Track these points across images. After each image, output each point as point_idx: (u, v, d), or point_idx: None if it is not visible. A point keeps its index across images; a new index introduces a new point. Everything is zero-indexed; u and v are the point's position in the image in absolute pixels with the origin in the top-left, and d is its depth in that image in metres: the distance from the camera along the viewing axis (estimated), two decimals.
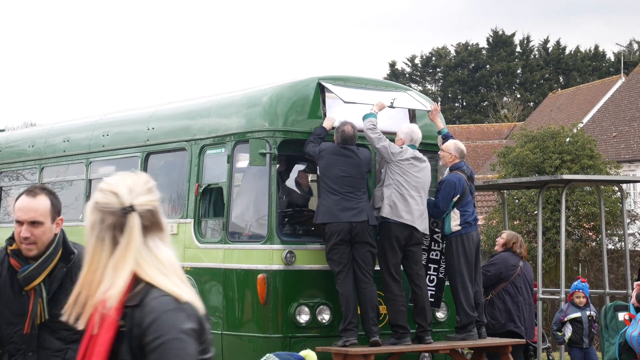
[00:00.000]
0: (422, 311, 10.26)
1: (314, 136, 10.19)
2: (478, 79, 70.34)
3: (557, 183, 13.87)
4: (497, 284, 11.91)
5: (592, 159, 23.97)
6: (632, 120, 37.40)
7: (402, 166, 10.19)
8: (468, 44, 72.12)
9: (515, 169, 23.84)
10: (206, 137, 10.96)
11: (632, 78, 41.68)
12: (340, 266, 9.89)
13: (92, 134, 13.05)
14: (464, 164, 10.81)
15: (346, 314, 9.85)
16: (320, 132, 10.24)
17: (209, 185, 10.80)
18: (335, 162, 9.98)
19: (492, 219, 24.55)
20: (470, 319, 10.52)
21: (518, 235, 12.46)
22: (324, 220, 9.95)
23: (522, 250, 12.18)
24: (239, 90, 11.31)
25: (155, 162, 12.01)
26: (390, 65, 73.45)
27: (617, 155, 34.68)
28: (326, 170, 10.01)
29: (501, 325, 11.77)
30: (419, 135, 10.49)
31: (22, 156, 14.52)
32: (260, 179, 10.33)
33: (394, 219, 10.10)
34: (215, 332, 10.36)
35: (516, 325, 11.86)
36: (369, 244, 10.01)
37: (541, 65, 69.75)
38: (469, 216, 10.64)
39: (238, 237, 10.47)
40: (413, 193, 10.20)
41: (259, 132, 10.27)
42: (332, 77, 10.76)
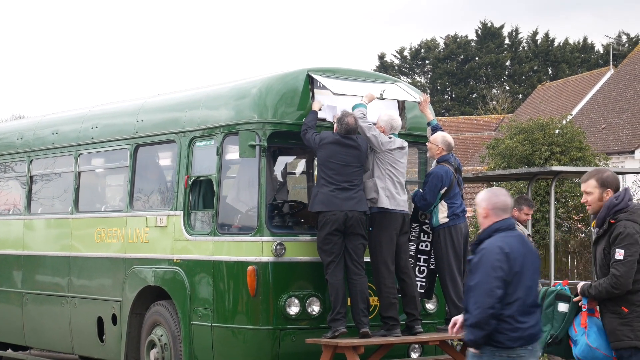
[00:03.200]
0: (412, 300, 10.28)
1: (310, 123, 10.19)
2: (467, 71, 70.40)
3: (547, 175, 13.91)
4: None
5: (582, 150, 24.02)
6: (621, 112, 37.47)
7: (392, 155, 10.24)
8: (457, 36, 72.16)
9: (505, 161, 23.87)
10: (195, 129, 10.94)
11: (621, 70, 41.74)
12: (331, 256, 9.90)
13: (81, 126, 13.01)
14: (451, 156, 10.83)
15: (335, 304, 9.86)
16: (313, 117, 10.25)
17: (198, 177, 10.78)
18: (336, 152, 9.99)
19: None
20: (459, 310, 10.50)
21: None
22: (320, 209, 9.95)
23: None
24: (228, 82, 11.29)
25: (144, 154, 11.99)
26: (380, 58, 73.50)
27: (606, 147, 34.73)
28: (326, 160, 10.02)
29: None
30: (399, 123, 10.52)
31: (11, 148, 14.48)
32: (250, 171, 10.33)
33: (393, 209, 10.13)
34: (205, 324, 10.37)
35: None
36: (362, 235, 10.04)
37: (530, 57, 69.83)
38: (457, 208, 10.66)
39: (228, 229, 10.47)
40: (402, 180, 10.33)
41: (249, 124, 10.26)
42: (322, 68, 10.75)
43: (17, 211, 14.36)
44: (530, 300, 6.90)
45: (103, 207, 12.99)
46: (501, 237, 6.93)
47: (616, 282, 7.55)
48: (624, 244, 7.57)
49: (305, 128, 10.18)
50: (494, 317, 6.77)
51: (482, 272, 6.85)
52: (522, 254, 6.91)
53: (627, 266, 7.55)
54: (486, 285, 6.80)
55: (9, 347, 14.72)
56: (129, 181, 11.88)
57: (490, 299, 6.76)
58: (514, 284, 6.84)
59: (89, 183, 13.26)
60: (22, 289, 13.64)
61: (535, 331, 6.93)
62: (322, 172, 10.07)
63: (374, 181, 10.23)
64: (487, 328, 6.79)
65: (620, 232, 7.60)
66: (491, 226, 7.01)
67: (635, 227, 7.61)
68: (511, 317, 6.82)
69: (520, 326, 6.83)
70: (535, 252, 7.14)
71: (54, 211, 13.53)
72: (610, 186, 7.80)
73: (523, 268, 6.88)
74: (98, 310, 12.08)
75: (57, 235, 13.14)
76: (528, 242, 7.10)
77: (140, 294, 11.35)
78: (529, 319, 6.88)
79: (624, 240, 7.58)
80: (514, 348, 6.84)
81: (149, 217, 11.41)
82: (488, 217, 7.04)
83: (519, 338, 6.81)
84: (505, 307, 6.82)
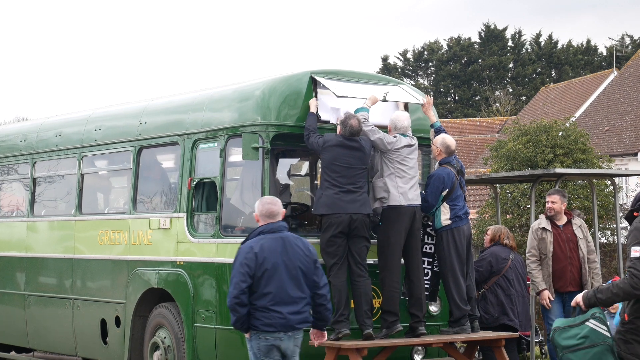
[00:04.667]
0: (418, 302, 10.27)
1: (311, 126, 10.20)
2: (470, 74, 70.37)
3: (550, 177, 13.87)
4: (489, 278, 11.93)
5: (585, 152, 23.98)
6: (624, 114, 37.45)
7: (400, 154, 10.25)
8: (460, 39, 72.14)
9: (508, 163, 23.84)
10: (199, 132, 10.94)
11: (625, 72, 41.72)
12: (335, 258, 9.90)
13: (84, 129, 13.02)
14: (454, 158, 10.84)
15: (338, 306, 9.86)
16: (313, 119, 10.26)
17: (201, 179, 10.78)
18: (340, 154, 9.98)
19: (485, 213, 24.55)
20: (462, 312, 10.53)
21: (503, 227, 12.49)
22: (325, 212, 9.95)
23: (510, 242, 12.24)
24: (231, 84, 11.30)
25: (147, 156, 11.99)
26: (383, 60, 73.48)
27: (610, 149, 34.72)
28: (330, 163, 10.02)
29: (494, 319, 11.80)
30: (404, 124, 10.48)
31: (14, 151, 14.49)
32: (253, 173, 10.33)
33: (403, 204, 10.15)
34: (209, 327, 10.37)
35: (509, 318, 11.88)
36: (366, 238, 10.04)
37: (533, 60, 69.79)
38: (459, 210, 10.66)
39: (231, 231, 10.47)
40: (414, 175, 10.35)
41: (252, 126, 10.26)
42: (325, 71, 10.74)
43: (20, 213, 14.37)
44: (284, 294, 8.10)
45: (106, 210, 13.00)
46: (258, 239, 8.15)
47: (637, 282, 6.86)
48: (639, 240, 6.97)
49: (308, 132, 10.17)
50: (242, 305, 8.06)
51: (234, 267, 8.15)
52: (278, 253, 8.09)
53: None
54: (235, 279, 8.10)
55: (12, 349, 14.73)
56: (132, 183, 11.89)
57: (236, 290, 8.07)
58: (265, 279, 8.07)
59: (92, 185, 13.26)
60: (26, 291, 13.64)
61: (292, 321, 8.14)
62: (326, 175, 10.07)
63: (384, 180, 10.23)
64: (236, 314, 8.11)
65: (636, 227, 7.03)
66: (257, 229, 8.27)
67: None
68: (264, 307, 8.08)
69: (273, 315, 8.08)
70: (302, 252, 8.20)
71: (57, 213, 13.53)
72: None
73: (276, 266, 8.08)
74: (101, 313, 12.08)
75: (60, 238, 13.14)
76: (291, 245, 8.17)
77: (143, 296, 11.35)
78: (284, 309, 8.10)
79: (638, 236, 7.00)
80: (271, 332, 8.10)
81: (152, 219, 11.42)
82: (258, 221, 8.27)
83: (272, 324, 8.07)
84: (258, 298, 8.09)
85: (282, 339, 8.18)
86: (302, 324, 8.27)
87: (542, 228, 11.82)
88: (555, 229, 11.85)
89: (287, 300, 8.15)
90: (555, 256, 11.70)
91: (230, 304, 8.15)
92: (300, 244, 8.36)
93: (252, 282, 8.09)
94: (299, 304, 8.20)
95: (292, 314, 8.15)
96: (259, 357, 8.25)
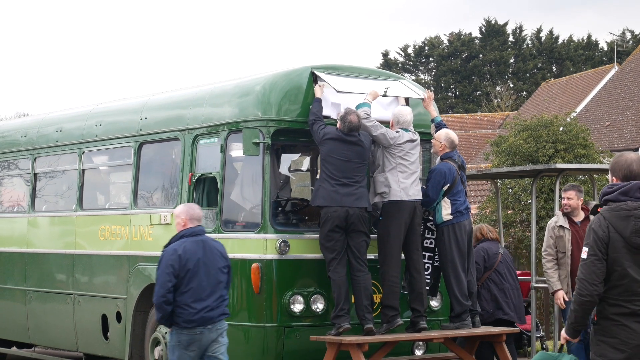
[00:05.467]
0: (419, 296, 10.28)
1: (318, 112, 10.20)
2: (471, 69, 70.32)
3: (551, 172, 13.86)
4: (482, 273, 11.92)
5: (586, 148, 23.98)
6: (625, 109, 37.43)
7: (402, 149, 10.24)
8: (461, 34, 72.08)
9: (509, 158, 23.85)
10: (199, 127, 10.94)
11: (625, 67, 41.70)
12: (333, 253, 9.90)
13: (85, 124, 13.02)
14: (455, 153, 10.83)
15: (338, 300, 9.86)
16: (318, 105, 10.25)
17: (202, 174, 10.78)
18: (338, 148, 9.98)
19: (486, 208, 24.56)
20: (463, 307, 10.53)
21: (481, 225, 12.35)
22: (322, 204, 9.96)
23: (492, 235, 12.17)
24: (232, 79, 11.29)
25: (148, 151, 11.99)
26: (383, 55, 73.42)
27: (611, 144, 34.71)
28: (327, 156, 10.03)
29: (490, 314, 11.76)
30: (406, 118, 10.47)
31: (15, 146, 14.49)
32: (254, 168, 10.32)
33: (403, 199, 10.14)
34: None
35: (504, 312, 11.88)
36: (364, 233, 10.03)
37: (534, 55, 69.74)
38: (460, 205, 10.66)
39: (232, 227, 10.47)
40: (416, 170, 10.35)
41: (252, 122, 10.26)
42: (325, 66, 10.74)
43: (21, 209, 14.37)
44: (204, 292, 8.75)
45: (107, 205, 13.00)
46: (181, 242, 8.83)
47: (581, 287, 6.51)
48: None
49: (313, 118, 10.17)
50: (168, 303, 8.71)
51: (160, 268, 8.80)
52: (199, 255, 8.77)
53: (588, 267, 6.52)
54: (161, 279, 8.76)
55: (13, 344, 14.74)
56: (133, 179, 11.89)
57: (162, 289, 8.72)
58: (187, 278, 8.73)
59: (93, 181, 13.27)
60: (27, 286, 13.65)
61: (211, 315, 8.77)
62: (324, 167, 10.10)
63: (385, 175, 10.23)
64: (162, 311, 8.76)
65: (590, 227, 6.58)
66: (178, 233, 8.93)
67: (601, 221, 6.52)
68: (185, 304, 8.73)
69: (192, 311, 8.73)
70: (219, 253, 8.90)
71: (58, 209, 13.53)
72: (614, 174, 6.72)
73: (197, 266, 8.74)
74: (102, 308, 12.09)
75: (61, 233, 13.15)
76: (210, 247, 8.86)
77: (144, 292, 11.35)
78: (202, 304, 8.74)
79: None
80: (192, 327, 8.74)
81: (153, 214, 11.42)
82: (185, 225, 8.91)
83: (192, 320, 8.73)
84: (180, 296, 8.74)
85: (202, 333, 8.82)
86: (220, 316, 8.93)
87: (559, 226, 11.36)
88: (573, 226, 11.38)
89: (206, 297, 8.81)
90: (574, 255, 11.15)
91: (157, 302, 8.79)
92: (218, 245, 9.07)
93: (176, 281, 8.76)
94: (217, 300, 8.87)
95: (210, 310, 8.82)
96: (179, 349, 8.88)
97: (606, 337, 6.50)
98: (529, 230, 21.69)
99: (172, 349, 8.94)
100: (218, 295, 8.88)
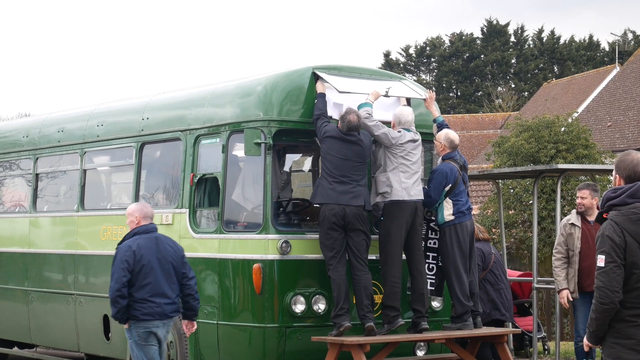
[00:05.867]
0: (421, 297, 10.27)
1: (323, 108, 10.21)
2: (472, 69, 70.29)
3: (553, 172, 13.86)
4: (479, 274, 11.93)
5: (587, 148, 24.01)
6: (626, 109, 37.41)
7: (404, 148, 10.24)
8: (462, 34, 72.06)
9: (510, 159, 23.87)
10: (201, 127, 10.94)
11: (627, 67, 41.67)
12: (332, 252, 9.89)
13: (87, 124, 13.02)
14: (457, 153, 10.83)
15: (338, 299, 9.85)
16: (322, 100, 10.25)
17: (203, 175, 10.78)
18: (337, 146, 9.99)
19: (487, 209, 24.58)
20: (465, 308, 10.52)
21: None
22: (319, 201, 9.97)
23: (484, 235, 12.19)
24: (233, 79, 11.29)
25: (150, 152, 11.99)
26: (385, 55, 73.40)
27: (612, 144, 34.69)
28: (327, 154, 10.04)
29: (486, 315, 11.76)
30: (408, 118, 10.48)
31: (17, 146, 14.49)
32: (256, 169, 10.32)
33: (404, 199, 10.14)
34: (211, 322, 10.37)
35: (501, 313, 11.92)
36: (364, 232, 10.02)
37: (535, 55, 69.72)
38: (462, 205, 10.65)
39: (233, 227, 10.47)
40: (417, 171, 10.35)
41: (254, 122, 10.25)
42: (327, 66, 10.73)
43: (23, 209, 14.37)
44: (159, 287, 9.24)
45: (109, 205, 13.00)
46: (135, 239, 9.33)
47: (602, 295, 6.37)
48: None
49: (318, 113, 10.17)
50: (123, 297, 9.20)
51: (115, 263, 9.31)
52: (153, 251, 9.25)
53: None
54: (116, 274, 9.25)
55: (14, 344, 14.73)
56: (135, 179, 11.89)
57: (117, 284, 9.22)
58: (143, 273, 9.21)
59: (95, 181, 13.27)
60: (28, 286, 13.65)
61: (167, 310, 9.29)
62: (323, 165, 10.14)
63: (387, 175, 10.23)
64: (117, 305, 9.23)
65: (602, 233, 6.44)
66: (133, 230, 9.44)
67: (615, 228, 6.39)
68: (143, 299, 9.21)
69: (150, 305, 9.23)
70: (171, 249, 9.37)
71: (60, 209, 13.53)
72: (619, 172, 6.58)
73: (151, 262, 9.21)
74: (104, 308, 12.07)
75: (62, 233, 13.15)
76: (163, 243, 9.35)
77: None
78: (160, 300, 9.25)
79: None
80: (149, 320, 9.23)
81: (155, 214, 11.40)
82: (139, 223, 9.43)
83: (150, 314, 9.22)
84: (137, 291, 9.22)
85: (158, 326, 9.33)
86: (174, 312, 9.44)
87: (570, 224, 11.20)
88: (585, 224, 11.17)
89: (162, 292, 9.32)
90: (583, 253, 10.99)
91: (113, 296, 9.28)
92: (170, 242, 9.54)
93: (131, 276, 9.24)
94: (172, 295, 9.38)
95: (166, 305, 9.33)
96: (139, 343, 9.36)
97: (621, 339, 6.42)
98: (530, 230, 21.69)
99: (133, 346, 9.43)
100: (173, 290, 9.38)
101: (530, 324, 13.84)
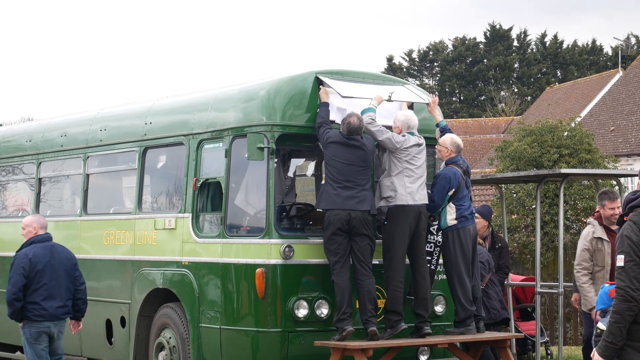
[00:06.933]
0: (424, 302, 10.26)
1: (325, 116, 10.20)
2: (475, 73, 70.35)
3: (555, 177, 13.85)
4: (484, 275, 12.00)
5: (590, 153, 24.00)
6: (629, 114, 37.42)
7: (409, 153, 10.24)
8: (465, 38, 72.12)
9: (513, 163, 23.86)
10: (204, 132, 10.94)
11: (630, 72, 41.69)
12: (337, 257, 9.88)
13: (90, 129, 13.02)
14: (460, 158, 10.82)
15: (340, 304, 9.84)
16: (325, 109, 10.25)
17: (206, 179, 10.78)
18: (340, 151, 9.98)
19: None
20: (468, 313, 10.51)
21: None
22: (325, 207, 9.97)
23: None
24: (236, 84, 11.29)
25: (152, 156, 11.99)
26: (388, 60, 73.49)
27: (615, 149, 34.70)
28: (331, 159, 10.03)
29: (499, 313, 11.89)
30: (415, 122, 10.50)
31: (20, 151, 14.49)
32: (258, 173, 10.32)
33: (411, 203, 10.14)
34: (214, 327, 10.37)
35: (507, 312, 12.05)
36: (369, 237, 10.01)
37: (538, 60, 69.77)
38: (465, 210, 10.64)
39: (236, 232, 10.46)
40: (422, 175, 10.33)
41: (257, 127, 10.25)
42: (330, 71, 10.73)
43: (25, 213, 14.36)
44: (51, 291, 10.45)
45: (111, 210, 13.00)
46: (32, 247, 10.55)
47: (624, 293, 6.32)
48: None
49: (320, 121, 10.17)
50: (18, 300, 10.38)
51: (13, 269, 10.44)
52: (47, 258, 10.50)
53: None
54: (13, 279, 10.41)
55: (17, 349, 14.73)
56: (138, 183, 11.89)
57: (14, 288, 10.40)
58: (37, 278, 10.41)
59: (98, 185, 13.26)
60: None
61: (57, 312, 10.52)
62: (327, 171, 10.11)
63: (392, 179, 10.22)
64: (13, 307, 10.41)
65: (621, 234, 6.45)
66: (29, 239, 10.67)
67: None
68: (36, 302, 10.42)
69: (42, 307, 10.45)
70: (65, 257, 10.64)
71: (63, 213, 13.53)
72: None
73: (45, 268, 10.44)
74: (106, 313, 12.09)
75: (65, 237, 13.12)
76: (57, 251, 10.58)
77: (148, 297, 11.35)
78: (51, 303, 10.45)
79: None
80: (41, 321, 10.45)
81: (158, 219, 11.42)
82: (37, 232, 10.71)
83: (41, 315, 10.44)
84: (31, 295, 10.40)
85: (49, 327, 10.51)
86: (65, 314, 10.64)
87: (597, 238, 10.92)
88: (611, 236, 10.77)
89: (53, 296, 10.50)
90: (614, 269, 10.69)
91: (9, 299, 10.43)
92: (64, 250, 10.74)
93: (27, 281, 10.39)
94: (63, 299, 10.58)
95: (57, 308, 10.53)
96: (30, 341, 10.54)
97: (633, 342, 6.36)
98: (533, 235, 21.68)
99: (26, 344, 10.63)
100: (64, 295, 10.58)
101: (533, 329, 13.84)
